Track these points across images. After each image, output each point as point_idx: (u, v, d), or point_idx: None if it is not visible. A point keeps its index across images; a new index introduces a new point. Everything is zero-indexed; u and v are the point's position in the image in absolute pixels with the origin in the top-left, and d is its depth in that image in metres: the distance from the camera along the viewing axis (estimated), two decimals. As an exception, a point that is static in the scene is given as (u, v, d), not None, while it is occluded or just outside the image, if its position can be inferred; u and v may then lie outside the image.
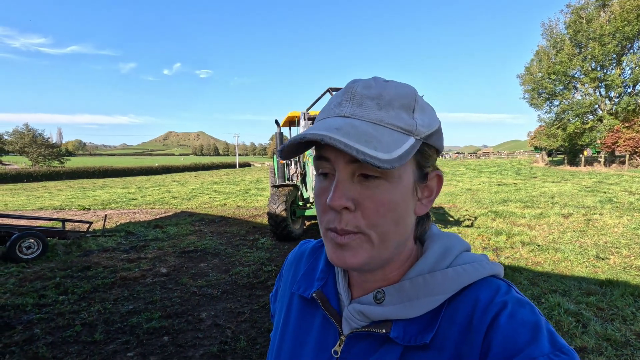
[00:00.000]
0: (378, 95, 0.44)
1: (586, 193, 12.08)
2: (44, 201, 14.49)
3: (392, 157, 0.39)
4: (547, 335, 0.40)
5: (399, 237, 0.46)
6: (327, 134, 0.39)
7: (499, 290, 0.45)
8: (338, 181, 0.43)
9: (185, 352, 3.00)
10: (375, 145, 0.40)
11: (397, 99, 0.44)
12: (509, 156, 58.91)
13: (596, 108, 27.78)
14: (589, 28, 25.30)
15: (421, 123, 0.44)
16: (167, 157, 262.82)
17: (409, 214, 0.46)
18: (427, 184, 0.48)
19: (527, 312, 0.42)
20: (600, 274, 4.54)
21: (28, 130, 47.71)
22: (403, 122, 0.43)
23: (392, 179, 0.43)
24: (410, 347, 0.45)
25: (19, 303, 3.94)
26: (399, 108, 0.43)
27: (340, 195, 0.43)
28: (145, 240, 7.03)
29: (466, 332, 0.43)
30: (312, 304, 0.57)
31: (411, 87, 0.46)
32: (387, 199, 0.43)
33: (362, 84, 0.45)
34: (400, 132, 0.43)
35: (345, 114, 0.44)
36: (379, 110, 0.43)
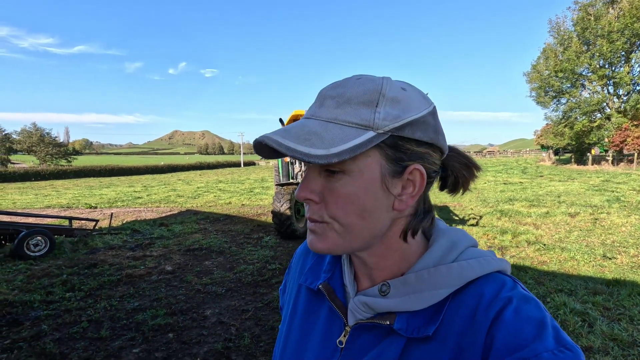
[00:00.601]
0: (339, 94, 0.45)
1: (593, 192, 11.95)
2: (52, 199, 14.66)
3: (329, 153, 0.41)
4: (552, 332, 0.40)
5: (369, 231, 0.46)
6: (268, 136, 0.43)
7: (505, 285, 0.45)
8: (305, 176, 0.48)
9: (189, 349, 3.03)
10: (313, 143, 0.42)
11: (358, 96, 0.44)
12: (515, 155, 58.44)
13: (604, 106, 27.44)
14: (597, 25, 24.97)
15: (384, 116, 0.43)
16: (173, 156, 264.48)
17: (380, 208, 0.46)
18: (406, 177, 0.46)
19: (533, 308, 0.42)
20: (607, 273, 4.49)
21: (36, 130, 48.28)
22: (358, 117, 0.43)
23: (352, 173, 0.44)
24: (413, 339, 0.45)
25: (27, 299, 4.00)
26: (358, 105, 0.44)
27: (304, 188, 0.47)
28: (150, 238, 7.09)
29: (469, 326, 0.43)
30: (319, 295, 0.58)
31: (379, 82, 0.45)
32: (346, 192, 0.44)
33: (331, 85, 0.47)
34: (354, 127, 0.43)
35: (308, 115, 0.47)
36: (336, 109, 0.44)
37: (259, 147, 0.46)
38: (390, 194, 0.46)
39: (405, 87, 0.47)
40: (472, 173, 0.53)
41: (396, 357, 0.45)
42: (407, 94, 0.46)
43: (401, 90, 0.46)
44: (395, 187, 0.46)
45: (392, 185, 0.46)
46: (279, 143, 0.41)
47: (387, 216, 0.47)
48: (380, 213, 0.46)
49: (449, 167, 0.51)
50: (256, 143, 0.44)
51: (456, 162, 0.52)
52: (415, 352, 0.45)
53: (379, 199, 0.45)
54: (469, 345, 0.42)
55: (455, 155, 0.52)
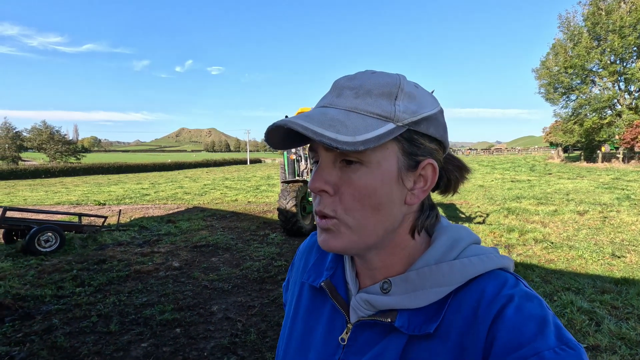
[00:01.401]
0: (358, 85, 0.45)
1: (603, 190, 11.78)
2: (61, 196, 14.88)
3: (356, 140, 0.40)
4: (554, 330, 0.40)
5: (382, 225, 0.46)
6: (291, 120, 0.41)
7: (506, 283, 0.45)
8: (319, 166, 0.46)
9: (196, 344, 3.07)
10: (339, 129, 0.41)
11: (377, 88, 0.45)
12: (523, 152, 57.76)
13: (615, 102, 26.94)
14: (608, 20, 24.48)
15: (404, 110, 0.44)
16: (180, 153, 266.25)
17: (394, 202, 0.46)
18: (418, 172, 0.47)
19: (535, 305, 0.42)
20: (615, 272, 4.44)
21: (46, 127, 48.92)
22: (379, 108, 0.44)
23: (370, 164, 0.44)
24: (414, 337, 0.45)
25: (38, 294, 4.08)
26: (378, 96, 0.44)
27: (318, 178, 0.45)
28: (158, 234, 7.17)
29: (471, 324, 0.43)
30: (321, 293, 0.58)
31: (396, 77, 0.46)
32: (364, 184, 0.44)
33: (347, 77, 0.47)
34: (375, 117, 0.43)
35: (324, 104, 0.46)
36: (355, 99, 0.44)
37: (273, 133, 0.46)
38: (404, 188, 0.46)
39: (417, 85, 0.48)
40: (463, 175, 0.54)
41: (398, 354, 0.46)
42: (420, 91, 0.47)
43: (415, 87, 0.47)
44: (409, 181, 0.46)
45: (406, 179, 0.46)
46: (304, 127, 0.40)
47: (399, 211, 0.47)
48: (394, 207, 0.46)
49: (443, 169, 0.52)
50: (273, 127, 0.43)
51: (449, 164, 0.53)
52: (417, 350, 0.45)
53: (394, 192, 0.45)
54: (470, 343, 0.42)
55: (448, 157, 0.53)
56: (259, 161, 68.59)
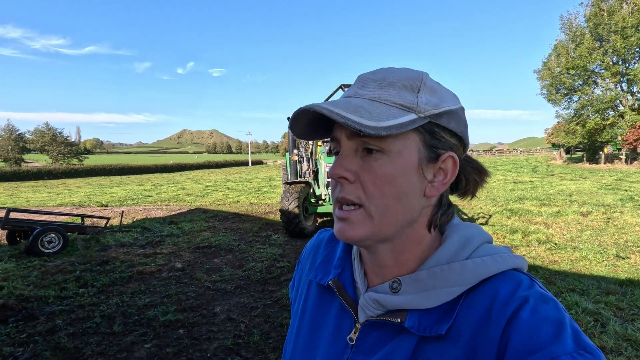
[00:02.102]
0: (382, 78, 0.46)
1: (606, 191, 11.74)
2: (64, 198, 14.93)
3: (379, 125, 0.41)
4: (571, 333, 0.38)
5: (402, 215, 0.46)
6: (318, 104, 0.42)
7: (521, 284, 0.43)
8: (340, 154, 0.47)
9: (200, 345, 3.06)
10: (362, 115, 0.42)
11: (401, 80, 0.46)
12: (525, 153, 57.62)
13: (617, 104, 26.88)
14: (610, 21, 24.46)
15: (426, 102, 0.45)
16: (181, 154, 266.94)
17: (414, 193, 0.46)
18: (439, 165, 0.47)
19: (551, 308, 0.40)
20: (620, 273, 4.42)
21: (48, 129, 49.16)
22: (402, 99, 0.44)
23: (391, 153, 0.44)
24: (425, 338, 0.44)
25: (42, 295, 4.09)
26: (401, 88, 0.45)
27: (339, 165, 0.46)
28: (160, 236, 7.18)
29: (484, 325, 0.42)
30: (329, 291, 0.57)
31: (420, 72, 0.47)
32: (384, 172, 0.44)
33: (371, 71, 0.49)
34: (398, 107, 0.44)
35: (349, 94, 0.47)
36: (379, 90, 0.45)
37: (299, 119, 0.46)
38: (425, 179, 0.46)
39: (439, 83, 0.49)
40: (482, 178, 0.53)
41: (408, 355, 0.45)
42: (442, 87, 0.48)
43: (437, 84, 0.48)
44: (429, 173, 0.46)
45: (427, 171, 0.46)
46: (330, 110, 0.41)
47: (418, 202, 0.47)
48: (413, 197, 0.46)
49: (462, 171, 0.51)
50: (300, 112, 0.44)
51: (469, 166, 0.52)
52: (427, 351, 0.44)
53: (414, 183, 0.46)
54: (483, 346, 0.41)
55: (469, 159, 0.53)
56: (260, 162, 68.68)
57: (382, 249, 0.49)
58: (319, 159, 7.47)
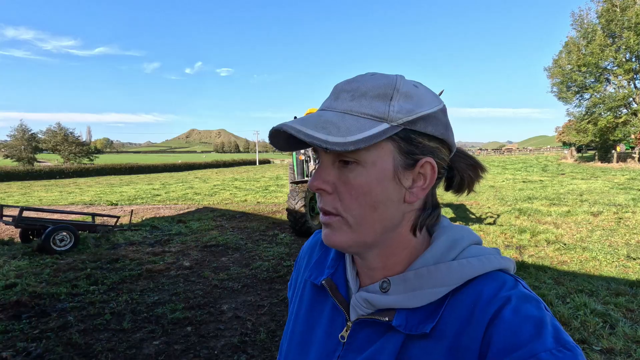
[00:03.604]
0: (355, 88, 0.47)
1: (618, 190, 11.53)
2: (75, 197, 15.18)
3: (346, 141, 0.42)
4: (551, 331, 0.39)
5: (380, 223, 0.47)
6: (286, 124, 0.44)
7: (505, 284, 0.45)
8: (319, 167, 0.49)
9: (207, 342, 3.11)
10: (330, 131, 0.43)
11: (373, 90, 0.46)
12: (535, 152, 56.81)
13: (630, 101, 26.32)
14: (623, 16, 23.94)
15: (398, 109, 0.45)
16: (190, 154, 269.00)
17: (392, 201, 0.47)
18: (417, 171, 0.47)
19: (532, 307, 0.42)
20: (630, 274, 4.35)
21: (60, 129, 49.92)
22: (373, 109, 0.45)
23: (365, 164, 0.45)
24: (411, 336, 0.46)
25: (54, 292, 4.18)
26: (374, 97, 0.45)
27: (317, 178, 0.48)
28: (169, 234, 7.27)
29: (467, 324, 0.43)
30: (322, 290, 0.59)
31: (394, 78, 0.47)
32: (359, 183, 0.45)
33: (346, 80, 0.49)
34: (369, 118, 0.44)
35: (323, 107, 0.48)
36: (351, 101, 0.46)
37: (276, 136, 0.48)
38: (402, 187, 0.47)
39: (417, 85, 0.48)
40: (477, 174, 0.54)
41: (395, 353, 0.46)
42: (419, 90, 0.47)
43: (414, 87, 0.47)
44: (407, 180, 0.47)
45: (404, 178, 0.46)
46: (297, 130, 0.43)
47: (398, 209, 0.47)
48: (391, 205, 0.47)
49: (455, 168, 0.52)
50: (273, 131, 0.46)
51: (462, 162, 0.53)
52: (414, 349, 0.46)
53: (390, 191, 0.46)
54: (466, 344, 0.42)
55: (462, 155, 0.53)
56: (267, 162, 68.89)
57: (369, 254, 0.51)
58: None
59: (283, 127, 0.44)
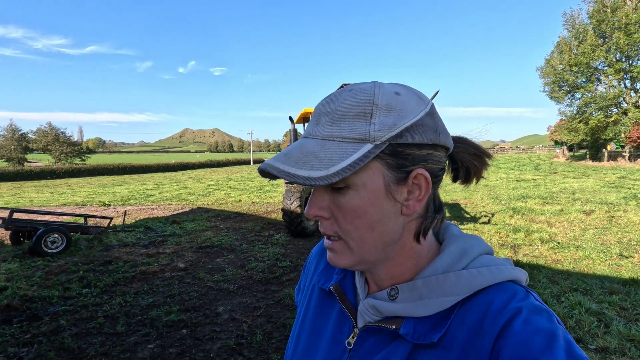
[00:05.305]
0: (333, 110, 0.45)
1: (609, 189, 11.69)
2: (67, 197, 14.98)
3: (329, 173, 0.41)
4: (563, 345, 0.38)
5: (381, 241, 0.46)
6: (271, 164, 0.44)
7: (515, 295, 0.44)
8: (312, 193, 0.48)
9: (203, 345, 3.07)
10: (312, 165, 0.42)
11: (351, 109, 0.44)
12: (528, 151, 57.39)
13: (621, 101, 26.70)
14: (613, 17, 24.27)
15: (379, 127, 0.43)
16: (183, 154, 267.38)
17: (389, 217, 0.46)
18: (411, 182, 0.45)
19: (544, 319, 0.41)
20: (623, 272, 4.40)
21: (51, 129, 49.27)
22: (354, 131, 0.43)
23: (356, 187, 0.44)
24: (419, 345, 0.45)
25: (46, 295, 4.11)
26: (352, 118, 0.43)
27: (312, 206, 0.48)
28: (163, 235, 7.20)
29: (476, 335, 0.42)
30: (330, 296, 0.59)
31: (371, 92, 0.45)
32: (352, 206, 0.45)
33: (325, 100, 0.47)
34: (351, 142, 0.43)
35: (306, 134, 0.47)
36: (331, 126, 0.44)
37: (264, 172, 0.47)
38: (397, 202, 0.45)
39: (399, 90, 0.46)
40: (483, 162, 0.52)
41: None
42: (400, 98, 0.45)
43: (394, 96, 0.45)
44: (401, 194, 0.45)
45: (398, 192, 0.45)
46: (280, 170, 0.42)
47: (396, 223, 0.46)
48: (388, 222, 0.46)
49: (458, 159, 0.51)
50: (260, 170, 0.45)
51: (466, 153, 0.51)
52: (421, 358, 0.45)
53: (385, 209, 0.45)
54: (474, 355, 0.41)
55: (465, 145, 0.51)
56: (262, 161, 68.59)
57: (375, 268, 0.51)
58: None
59: (267, 168, 0.43)
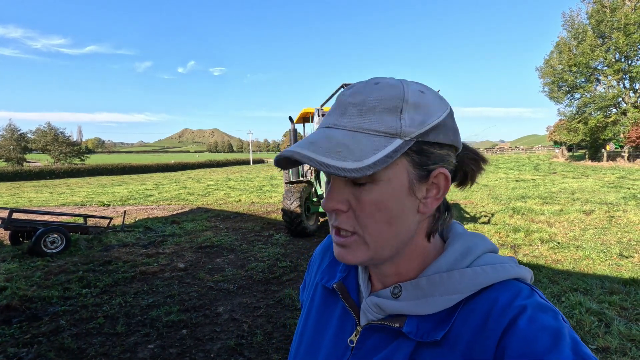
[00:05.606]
0: (361, 102, 0.44)
1: (609, 189, 11.70)
2: (66, 197, 14.96)
3: (363, 165, 0.40)
4: (569, 343, 0.38)
5: (397, 237, 0.46)
6: (298, 151, 0.41)
7: (520, 293, 0.43)
8: (331, 186, 0.47)
9: (203, 345, 3.07)
10: (345, 156, 0.40)
11: (381, 103, 0.43)
12: (527, 151, 57.45)
13: (620, 101, 26.76)
14: (612, 17, 24.32)
15: (410, 123, 0.43)
16: (183, 154, 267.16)
17: (406, 214, 0.45)
18: (430, 181, 0.46)
19: (549, 317, 0.40)
20: (623, 272, 4.40)
21: (50, 129, 49.22)
22: (385, 125, 0.42)
23: (380, 182, 0.43)
24: (422, 343, 0.45)
25: (45, 295, 4.10)
26: (382, 112, 0.43)
27: (331, 198, 0.46)
28: (163, 235, 7.19)
29: (480, 333, 0.42)
30: (333, 294, 0.59)
31: (400, 88, 0.44)
32: (374, 201, 0.44)
33: (350, 91, 0.46)
34: (382, 135, 0.42)
35: (329, 124, 0.45)
36: (360, 117, 0.43)
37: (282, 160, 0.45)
38: (416, 199, 0.45)
39: (423, 89, 0.46)
40: (479, 166, 0.52)
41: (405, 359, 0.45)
42: (426, 97, 0.45)
43: (421, 94, 0.45)
44: (420, 191, 0.46)
45: (418, 190, 0.45)
46: (310, 158, 0.40)
47: (413, 220, 0.46)
48: (406, 218, 0.46)
49: (458, 162, 0.51)
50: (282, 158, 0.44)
51: (465, 156, 0.51)
52: (424, 357, 0.45)
53: (406, 205, 0.45)
54: (479, 353, 0.41)
55: (465, 150, 0.52)
56: (261, 161, 68.67)
57: (384, 265, 0.50)
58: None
59: (294, 155, 0.41)
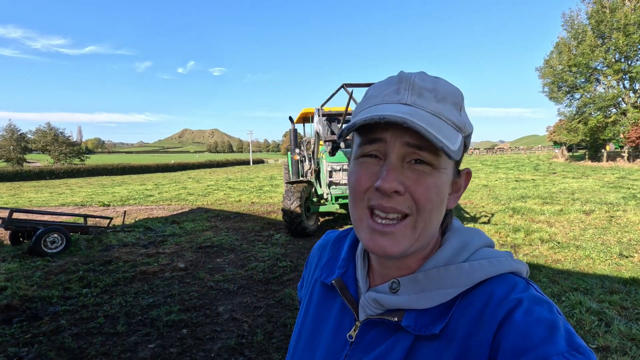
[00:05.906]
0: (434, 89, 0.46)
1: (609, 189, 11.70)
2: (66, 197, 14.96)
3: (455, 149, 0.43)
4: (564, 334, 0.39)
5: (436, 225, 0.48)
6: (409, 118, 0.40)
7: (516, 287, 0.44)
8: (391, 164, 0.44)
9: (203, 345, 3.07)
10: (446, 135, 0.43)
11: (450, 96, 0.46)
12: (527, 151, 57.45)
13: (620, 101, 26.76)
14: (612, 18, 24.32)
15: (466, 122, 0.48)
16: (183, 154, 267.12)
17: (445, 204, 0.48)
18: (459, 179, 0.51)
19: (544, 310, 0.41)
20: (624, 272, 4.40)
21: (50, 129, 49.23)
22: (456, 118, 0.46)
23: (439, 168, 0.45)
24: (421, 337, 0.46)
25: (45, 295, 4.10)
26: (452, 104, 0.46)
27: (392, 179, 0.43)
28: (163, 235, 7.19)
29: (477, 326, 0.43)
30: (332, 290, 0.60)
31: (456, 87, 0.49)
32: (434, 185, 0.45)
33: (417, 75, 0.47)
34: (452, 127, 0.45)
35: (407, 102, 0.44)
36: (437, 103, 0.45)
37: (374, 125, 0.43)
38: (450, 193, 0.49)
39: None
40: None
41: (404, 353, 0.46)
42: None
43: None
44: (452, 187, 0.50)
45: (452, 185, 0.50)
46: (427, 130, 0.40)
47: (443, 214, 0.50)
48: (443, 210, 0.49)
49: None
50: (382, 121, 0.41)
51: None
52: (423, 350, 0.45)
53: (446, 196, 0.48)
54: (476, 346, 0.42)
55: None
56: (261, 161, 68.67)
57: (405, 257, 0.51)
58: (321, 158, 7.46)
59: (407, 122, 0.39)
